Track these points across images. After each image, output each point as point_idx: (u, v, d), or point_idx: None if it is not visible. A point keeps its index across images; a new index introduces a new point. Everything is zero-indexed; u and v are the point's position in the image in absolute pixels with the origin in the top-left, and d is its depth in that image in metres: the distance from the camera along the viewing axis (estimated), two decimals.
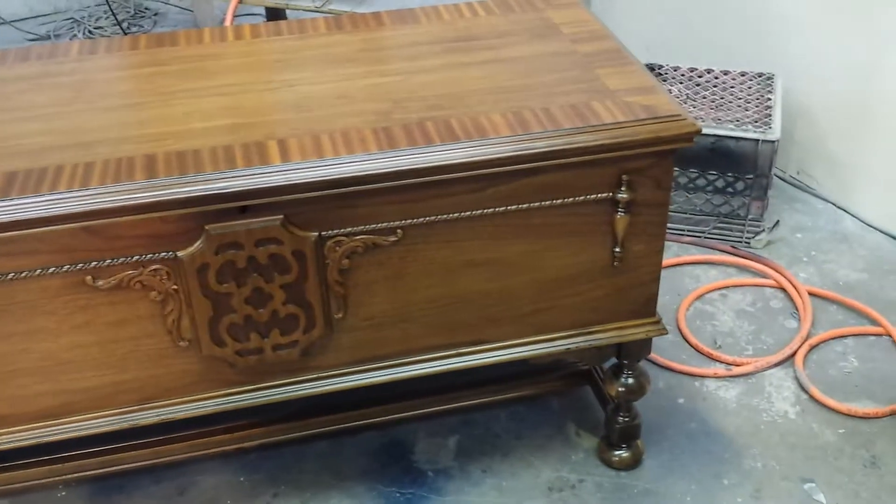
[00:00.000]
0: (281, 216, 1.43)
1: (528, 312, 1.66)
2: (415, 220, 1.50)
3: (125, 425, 1.58)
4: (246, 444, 1.88)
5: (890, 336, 2.23)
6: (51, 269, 1.40)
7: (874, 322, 2.27)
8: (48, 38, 3.77)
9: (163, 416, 1.59)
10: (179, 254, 1.43)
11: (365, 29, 1.83)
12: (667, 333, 1.74)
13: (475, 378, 1.94)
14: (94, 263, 1.42)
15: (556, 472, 1.91)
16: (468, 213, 1.51)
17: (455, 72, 1.66)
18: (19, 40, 3.74)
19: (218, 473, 1.92)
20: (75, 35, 3.77)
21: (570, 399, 2.08)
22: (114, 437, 1.78)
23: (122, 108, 1.60)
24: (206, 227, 1.41)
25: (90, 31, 3.80)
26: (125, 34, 3.73)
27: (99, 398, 1.56)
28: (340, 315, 1.56)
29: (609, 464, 1.92)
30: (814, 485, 1.88)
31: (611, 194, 1.54)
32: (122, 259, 1.42)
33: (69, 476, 1.82)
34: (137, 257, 1.42)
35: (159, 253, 1.43)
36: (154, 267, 1.44)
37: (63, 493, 1.88)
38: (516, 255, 1.58)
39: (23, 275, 1.40)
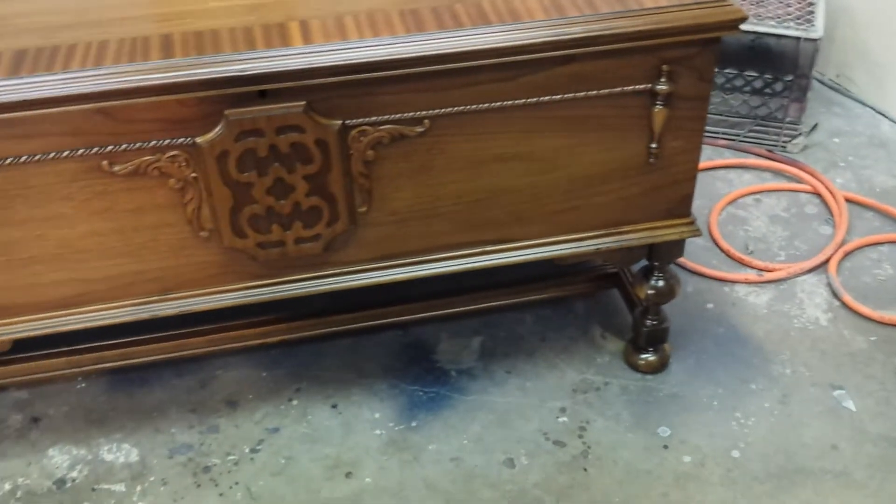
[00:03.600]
0: (303, 103, 1.37)
1: (558, 210, 1.60)
2: (442, 111, 1.43)
3: (144, 316, 1.55)
4: (268, 340, 1.86)
5: None
6: (65, 153, 1.35)
7: None
8: None
9: (183, 308, 1.56)
10: (198, 140, 1.37)
11: None
12: (700, 235, 1.68)
13: (500, 279, 1.90)
14: (110, 148, 1.36)
15: (581, 375, 1.88)
16: (498, 103, 1.44)
17: None
18: None
19: (240, 368, 1.91)
20: None
21: (596, 302, 2.04)
22: (135, 330, 1.77)
23: None
24: (226, 113, 1.35)
25: None
26: None
27: (117, 287, 1.52)
28: (364, 209, 1.51)
29: (635, 367, 1.89)
30: (843, 391, 1.85)
31: (650, 86, 1.47)
32: (138, 144, 1.37)
33: (88, 368, 1.80)
34: (155, 142, 1.37)
35: (177, 139, 1.37)
36: (172, 153, 1.39)
37: (83, 385, 1.87)
38: (547, 150, 1.52)
39: (36, 158, 1.35)
